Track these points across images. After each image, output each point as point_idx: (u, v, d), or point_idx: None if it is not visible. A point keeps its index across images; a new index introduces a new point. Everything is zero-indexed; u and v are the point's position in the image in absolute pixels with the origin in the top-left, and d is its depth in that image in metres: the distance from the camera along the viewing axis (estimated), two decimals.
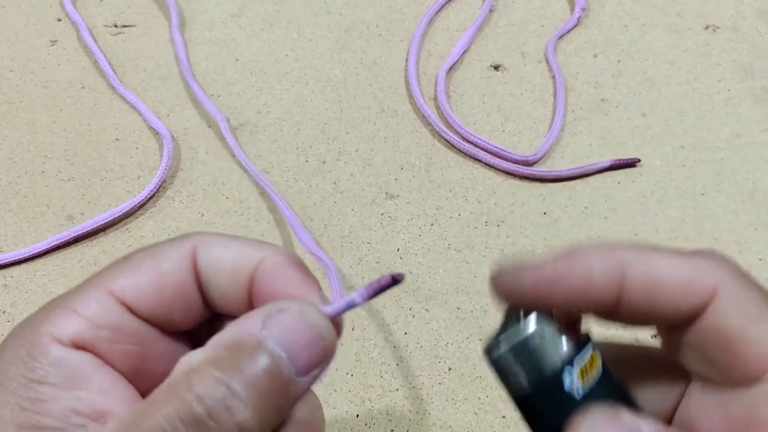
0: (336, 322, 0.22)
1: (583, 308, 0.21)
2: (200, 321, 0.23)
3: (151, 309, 0.22)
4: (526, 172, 0.52)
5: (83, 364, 0.21)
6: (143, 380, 0.22)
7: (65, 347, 0.21)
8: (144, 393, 0.21)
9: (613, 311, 0.21)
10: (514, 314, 0.22)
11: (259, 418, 0.19)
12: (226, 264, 0.22)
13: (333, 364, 0.43)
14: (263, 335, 0.20)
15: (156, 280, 0.22)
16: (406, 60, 0.59)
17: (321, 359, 0.21)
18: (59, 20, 0.62)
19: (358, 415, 0.41)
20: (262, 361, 0.20)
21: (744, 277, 0.21)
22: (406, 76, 0.58)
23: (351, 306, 0.22)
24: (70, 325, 0.21)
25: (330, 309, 0.22)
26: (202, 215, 0.50)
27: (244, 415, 0.19)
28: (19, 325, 0.22)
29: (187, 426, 0.18)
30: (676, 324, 0.21)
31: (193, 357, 0.20)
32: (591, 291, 0.21)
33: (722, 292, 0.20)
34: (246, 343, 0.20)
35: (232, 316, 0.22)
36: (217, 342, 0.21)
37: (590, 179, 0.52)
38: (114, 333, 0.21)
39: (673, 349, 0.22)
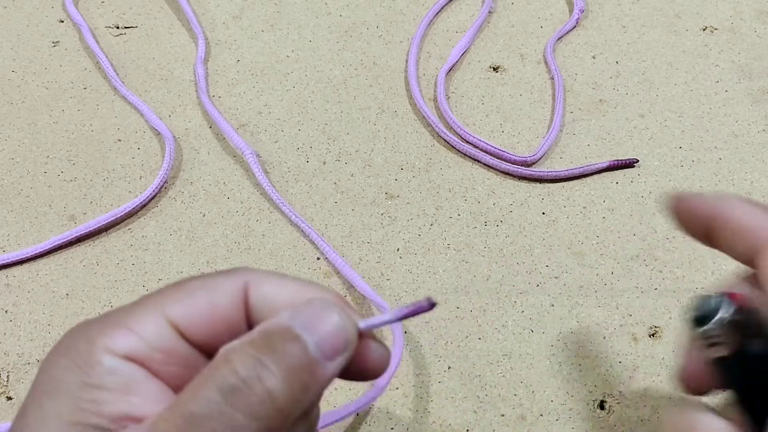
0: (370, 335, 0.26)
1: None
2: None
3: (201, 336, 0.24)
4: (525, 172, 0.52)
5: (135, 374, 0.23)
6: None
7: (118, 358, 0.23)
8: None
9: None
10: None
11: (289, 390, 0.22)
12: (278, 302, 0.25)
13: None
14: (292, 323, 0.23)
15: (209, 310, 0.24)
16: (406, 61, 0.59)
17: (343, 347, 0.24)
18: (61, 21, 0.62)
19: (357, 414, 0.42)
20: (290, 343, 0.23)
21: None
22: (405, 77, 0.58)
23: (383, 323, 0.25)
24: (125, 342, 0.23)
25: (363, 324, 0.25)
26: (204, 215, 0.50)
27: (273, 383, 0.22)
28: (70, 336, 0.24)
29: (225, 394, 0.21)
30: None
31: (232, 343, 0.23)
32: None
33: None
34: (277, 329, 0.23)
35: None
36: (251, 331, 0.24)
37: (589, 179, 0.52)
38: (165, 355, 0.23)
39: None
